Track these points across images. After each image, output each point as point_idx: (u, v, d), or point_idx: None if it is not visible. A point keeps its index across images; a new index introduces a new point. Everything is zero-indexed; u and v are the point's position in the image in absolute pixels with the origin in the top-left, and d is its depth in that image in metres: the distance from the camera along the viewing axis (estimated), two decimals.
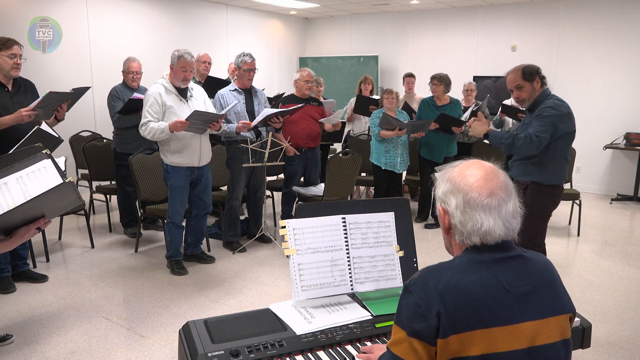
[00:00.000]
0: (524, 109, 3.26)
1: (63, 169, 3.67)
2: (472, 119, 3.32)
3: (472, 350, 1.12)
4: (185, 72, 3.77)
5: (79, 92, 3.79)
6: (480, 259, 1.20)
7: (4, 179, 1.46)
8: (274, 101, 5.46)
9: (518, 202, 1.25)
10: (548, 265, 1.28)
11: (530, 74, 3.04)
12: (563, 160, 3.07)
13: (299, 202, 4.87)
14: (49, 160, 1.50)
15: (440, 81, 5.31)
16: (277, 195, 5.60)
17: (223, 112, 4.02)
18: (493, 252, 1.21)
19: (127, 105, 4.57)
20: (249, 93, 4.51)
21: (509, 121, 5.84)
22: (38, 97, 3.57)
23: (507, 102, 6.09)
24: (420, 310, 1.15)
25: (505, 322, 1.14)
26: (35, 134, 3.37)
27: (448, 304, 1.13)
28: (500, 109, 5.87)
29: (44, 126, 3.47)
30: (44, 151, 1.52)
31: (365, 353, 1.49)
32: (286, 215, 5.07)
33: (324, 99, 5.86)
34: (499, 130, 6.07)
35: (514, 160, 3.18)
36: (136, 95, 4.57)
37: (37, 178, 1.48)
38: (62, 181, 1.46)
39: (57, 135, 3.55)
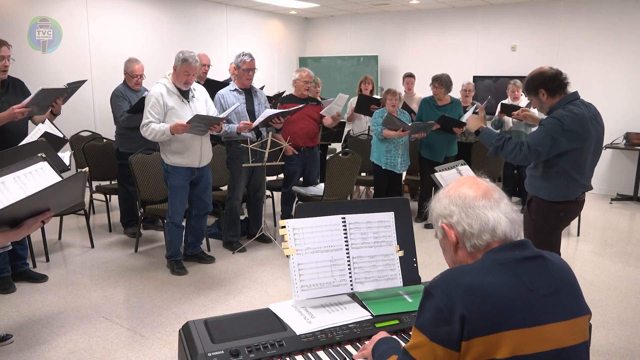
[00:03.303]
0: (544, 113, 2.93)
1: (67, 163, 3.69)
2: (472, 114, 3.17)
3: (499, 353, 1.10)
4: (188, 75, 3.75)
5: (74, 87, 3.75)
6: (501, 259, 1.19)
7: (2, 178, 1.54)
8: (273, 100, 5.45)
9: (509, 201, 1.32)
10: (566, 267, 1.28)
11: (534, 87, 2.74)
12: (567, 178, 2.72)
13: (299, 202, 4.87)
14: (45, 162, 1.63)
15: (442, 84, 5.31)
16: (277, 195, 5.60)
17: (224, 114, 4.01)
18: (512, 251, 1.21)
19: (137, 105, 4.48)
20: (248, 93, 4.51)
21: (509, 121, 5.83)
22: (29, 94, 3.52)
23: (506, 101, 6.09)
24: (442, 315, 1.13)
25: (531, 324, 1.12)
26: (43, 136, 3.37)
27: (472, 306, 1.11)
28: (499, 109, 5.87)
29: (49, 127, 3.46)
30: (39, 154, 1.63)
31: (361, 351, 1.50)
32: (286, 215, 5.08)
33: (322, 99, 5.84)
34: (498, 131, 6.07)
35: (528, 168, 2.92)
36: (147, 94, 4.53)
37: (35, 178, 1.57)
38: (67, 175, 1.61)
39: (62, 136, 3.55)
